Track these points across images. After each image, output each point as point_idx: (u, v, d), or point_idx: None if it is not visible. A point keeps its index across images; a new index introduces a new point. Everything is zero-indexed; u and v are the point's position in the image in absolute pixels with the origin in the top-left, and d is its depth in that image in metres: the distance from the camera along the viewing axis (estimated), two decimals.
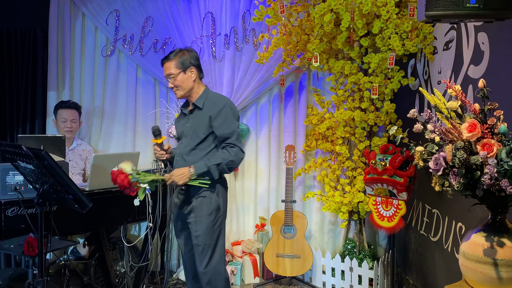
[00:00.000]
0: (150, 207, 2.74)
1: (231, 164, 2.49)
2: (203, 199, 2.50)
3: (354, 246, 3.55)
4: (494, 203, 1.60)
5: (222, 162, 2.46)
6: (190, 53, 2.59)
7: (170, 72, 2.55)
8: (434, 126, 1.65)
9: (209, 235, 2.50)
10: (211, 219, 2.50)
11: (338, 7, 2.98)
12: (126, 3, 3.89)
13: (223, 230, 2.59)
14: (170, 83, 2.58)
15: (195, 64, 2.59)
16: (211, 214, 2.50)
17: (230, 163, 2.48)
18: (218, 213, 2.53)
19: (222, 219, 2.57)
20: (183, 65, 2.55)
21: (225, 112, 2.51)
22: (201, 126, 2.53)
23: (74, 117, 3.58)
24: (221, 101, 2.55)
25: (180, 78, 2.55)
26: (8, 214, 2.41)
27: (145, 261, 3.14)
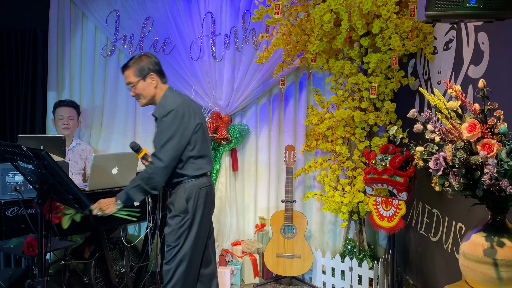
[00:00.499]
0: (150, 207, 2.75)
1: (151, 182, 2.34)
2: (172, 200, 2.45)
3: (354, 246, 3.55)
4: (494, 203, 1.60)
5: (140, 183, 2.34)
6: (148, 59, 2.47)
7: (129, 80, 2.45)
8: (434, 126, 1.65)
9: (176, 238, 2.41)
10: (177, 221, 2.41)
11: (338, 7, 2.98)
12: (126, 3, 3.89)
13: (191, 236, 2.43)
14: (131, 91, 2.48)
15: (155, 69, 2.46)
16: (177, 216, 2.41)
17: (147, 181, 2.33)
18: (185, 215, 2.41)
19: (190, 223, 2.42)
20: (141, 73, 2.43)
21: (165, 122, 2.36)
22: None
23: (71, 114, 3.58)
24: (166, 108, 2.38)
25: (140, 86, 2.44)
26: (8, 214, 2.41)
27: (145, 261, 3.14)
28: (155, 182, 2.35)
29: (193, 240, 2.44)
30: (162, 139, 2.35)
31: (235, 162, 3.95)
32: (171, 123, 2.35)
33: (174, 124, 2.36)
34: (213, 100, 3.85)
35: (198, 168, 2.46)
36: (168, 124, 2.35)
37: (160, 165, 2.33)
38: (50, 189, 2.08)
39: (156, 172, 2.34)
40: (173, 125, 2.36)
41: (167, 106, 2.39)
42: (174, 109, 2.36)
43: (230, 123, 3.87)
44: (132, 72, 2.44)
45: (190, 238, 2.43)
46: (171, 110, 2.36)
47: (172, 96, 2.47)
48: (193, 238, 2.44)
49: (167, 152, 2.34)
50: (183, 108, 2.41)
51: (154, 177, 2.34)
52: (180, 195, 2.41)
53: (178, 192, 2.43)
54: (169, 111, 2.36)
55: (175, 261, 2.41)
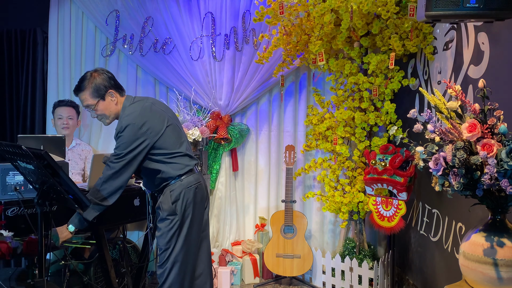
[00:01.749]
0: (150, 207, 2.74)
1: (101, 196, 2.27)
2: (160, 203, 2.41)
3: (354, 246, 3.55)
4: (494, 203, 1.60)
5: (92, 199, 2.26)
6: (102, 76, 2.35)
7: (87, 103, 2.34)
8: (434, 126, 1.65)
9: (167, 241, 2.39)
10: (166, 223, 2.38)
11: (339, 5, 2.98)
12: (126, 3, 3.89)
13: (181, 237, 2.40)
14: (92, 113, 2.38)
15: (111, 85, 2.36)
16: (166, 219, 2.38)
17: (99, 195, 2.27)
18: (174, 217, 2.38)
19: (179, 224, 2.39)
20: (98, 93, 2.32)
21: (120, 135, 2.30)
22: None
23: (70, 114, 3.58)
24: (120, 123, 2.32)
25: (101, 107, 2.35)
26: (8, 214, 2.40)
27: (145, 261, 3.13)
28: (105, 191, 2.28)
29: (184, 241, 2.41)
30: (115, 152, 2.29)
31: (235, 162, 3.95)
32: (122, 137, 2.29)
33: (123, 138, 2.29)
34: (213, 100, 3.85)
35: (180, 168, 2.40)
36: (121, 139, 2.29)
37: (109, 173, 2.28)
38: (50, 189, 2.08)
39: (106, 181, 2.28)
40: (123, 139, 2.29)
41: (122, 122, 2.31)
42: (130, 124, 2.29)
43: (230, 123, 3.87)
44: (88, 94, 2.32)
45: (180, 240, 2.40)
46: (127, 125, 2.28)
47: (130, 109, 2.37)
48: (184, 239, 2.40)
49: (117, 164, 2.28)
50: (140, 118, 2.32)
51: (103, 188, 2.28)
52: (167, 198, 2.37)
53: (165, 195, 2.39)
54: (124, 126, 2.28)
55: (168, 264, 2.39)
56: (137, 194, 2.93)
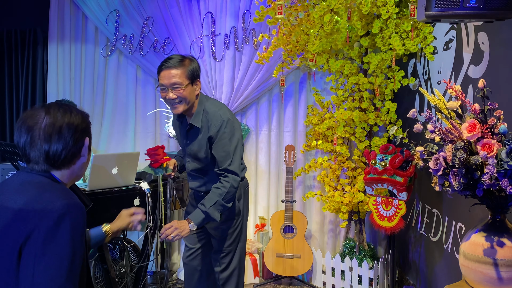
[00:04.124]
0: (150, 207, 2.74)
1: (228, 196, 2.26)
2: None
3: (354, 246, 3.55)
4: (494, 203, 1.60)
5: (219, 200, 2.23)
6: (196, 62, 2.30)
7: (175, 81, 2.18)
8: (434, 126, 1.65)
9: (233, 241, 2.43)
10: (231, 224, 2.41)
11: (339, 6, 2.98)
12: (126, 3, 3.89)
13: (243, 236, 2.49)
14: (171, 93, 2.20)
15: (199, 76, 2.32)
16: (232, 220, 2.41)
17: (227, 196, 2.25)
18: (238, 217, 2.42)
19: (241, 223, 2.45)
20: (192, 76, 2.23)
21: (222, 132, 2.27)
22: (201, 148, 2.33)
23: None
24: (219, 120, 2.28)
25: (188, 90, 2.22)
26: None
27: (145, 261, 3.14)
28: (232, 194, 2.28)
29: (244, 241, 2.49)
30: (226, 149, 2.27)
31: None
32: (231, 132, 2.28)
33: (233, 132, 2.29)
34: None
35: (243, 168, 2.46)
36: (226, 135, 2.27)
37: (235, 173, 2.28)
38: None
39: (233, 184, 2.27)
40: (234, 134, 2.29)
41: (218, 117, 2.28)
42: (230, 119, 2.29)
43: None
44: (183, 73, 2.19)
45: (242, 240, 2.46)
46: (228, 120, 2.28)
47: (213, 104, 2.36)
48: (244, 239, 2.49)
49: (236, 162, 2.30)
50: (233, 116, 2.36)
51: (231, 190, 2.26)
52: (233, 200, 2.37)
53: None
54: (226, 120, 2.27)
55: (233, 264, 2.43)
56: (137, 194, 2.93)
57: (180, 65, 2.20)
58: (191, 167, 2.43)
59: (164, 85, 2.20)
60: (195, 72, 2.25)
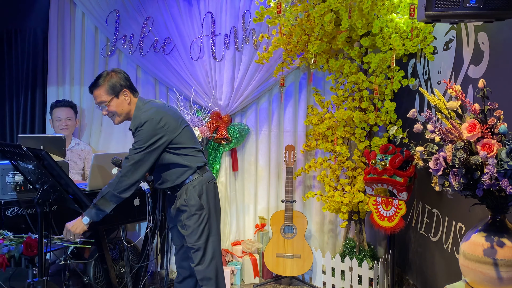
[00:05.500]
0: (150, 207, 2.74)
1: (120, 186, 2.30)
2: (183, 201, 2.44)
3: (354, 246, 3.55)
4: (494, 203, 1.60)
5: (109, 191, 2.29)
6: (118, 75, 2.44)
7: (101, 99, 2.39)
8: (434, 126, 1.65)
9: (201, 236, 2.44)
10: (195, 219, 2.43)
11: (338, 6, 2.98)
12: (126, 3, 3.89)
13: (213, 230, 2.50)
14: (103, 111, 2.42)
15: (126, 85, 2.44)
16: (196, 215, 2.43)
17: (118, 186, 2.30)
18: (202, 211, 2.44)
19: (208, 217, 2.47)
20: (113, 90, 2.39)
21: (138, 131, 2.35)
22: None
23: (68, 115, 3.58)
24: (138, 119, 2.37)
25: (114, 104, 2.40)
26: (8, 214, 2.40)
27: (145, 261, 3.13)
28: (125, 185, 2.31)
29: (215, 234, 2.51)
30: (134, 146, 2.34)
31: (235, 162, 3.95)
32: (141, 132, 2.33)
33: (148, 133, 2.33)
34: (213, 100, 3.85)
35: (199, 161, 2.48)
36: (141, 134, 2.32)
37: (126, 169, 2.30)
38: (50, 189, 2.08)
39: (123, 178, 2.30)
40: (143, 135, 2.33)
41: (138, 119, 2.37)
42: (148, 119, 2.34)
43: (230, 123, 3.87)
44: (103, 91, 2.38)
45: (212, 234, 2.48)
46: (146, 121, 2.33)
47: (146, 107, 2.44)
48: (215, 232, 2.50)
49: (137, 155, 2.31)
50: (157, 114, 2.38)
51: (121, 180, 2.30)
52: (192, 193, 2.43)
53: (188, 191, 2.44)
54: (143, 122, 2.33)
55: (207, 259, 2.45)
56: (137, 194, 2.92)
57: (98, 85, 2.40)
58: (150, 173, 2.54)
59: (97, 105, 2.45)
60: (116, 85, 2.40)
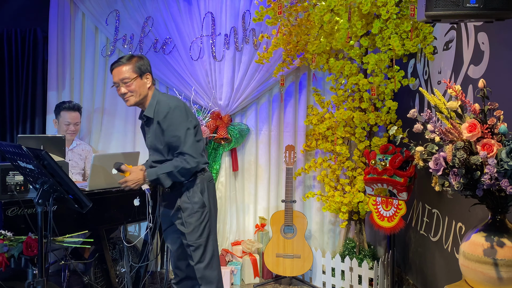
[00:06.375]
0: (150, 207, 2.74)
1: (183, 171, 2.40)
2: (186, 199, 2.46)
3: (354, 246, 3.55)
4: (494, 203, 1.60)
5: (173, 171, 2.37)
6: (145, 59, 2.51)
7: (124, 76, 2.42)
8: (434, 126, 1.65)
9: (201, 234, 2.46)
10: (197, 217, 2.46)
11: (339, 7, 2.98)
12: (126, 3, 3.89)
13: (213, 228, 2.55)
14: (122, 88, 2.43)
15: (149, 70, 2.51)
16: (198, 213, 2.46)
17: (182, 170, 2.39)
18: (204, 209, 2.48)
19: (209, 216, 2.51)
20: (140, 70, 2.44)
21: (170, 118, 2.40)
22: (157, 138, 2.45)
23: (77, 120, 3.58)
24: (166, 106, 2.41)
25: (136, 84, 2.43)
26: (8, 214, 2.40)
27: (145, 261, 3.14)
28: (188, 171, 2.41)
29: (214, 233, 2.54)
30: (177, 132, 2.38)
31: (235, 162, 3.95)
32: (180, 117, 2.40)
33: (183, 118, 2.40)
34: (213, 100, 3.85)
35: (204, 161, 2.52)
36: (175, 120, 2.39)
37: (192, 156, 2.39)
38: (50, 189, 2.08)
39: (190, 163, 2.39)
40: (184, 119, 2.40)
41: (166, 104, 2.42)
42: (178, 106, 2.42)
43: (230, 123, 3.87)
44: (130, 68, 2.43)
45: (212, 232, 2.53)
46: (175, 107, 2.40)
47: (166, 96, 2.52)
48: (214, 231, 2.54)
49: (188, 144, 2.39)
50: (182, 102, 2.49)
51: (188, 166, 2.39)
52: (195, 191, 2.46)
53: (190, 189, 2.47)
54: (173, 107, 2.40)
55: (207, 257, 2.48)
56: (137, 194, 2.93)
57: (128, 62, 2.44)
58: (152, 158, 2.54)
59: (115, 82, 2.46)
60: (143, 67, 2.46)
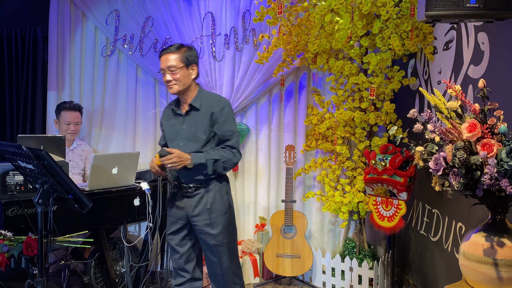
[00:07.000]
0: (150, 207, 2.75)
1: (228, 164, 2.47)
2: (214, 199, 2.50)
3: (354, 246, 3.55)
4: (494, 203, 1.60)
5: (220, 160, 2.43)
6: (194, 51, 2.54)
7: (171, 64, 2.45)
8: (434, 126, 1.65)
9: (229, 234, 2.54)
10: (226, 217, 2.53)
11: (339, 6, 2.98)
12: (126, 3, 3.89)
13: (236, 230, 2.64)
14: (168, 75, 2.47)
15: (196, 62, 2.54)
16: (226, 213, 2.53)
17: (228, 162, 2.46)
18: (230, 209, 2.57)
19: (233, 216, 2.61)
20: (187, 60, 2.48)
21: (227, 112, 2.49)
22: (201, 127, 2.47)
23: (78, 119, 3.58)
24: (222, 100, 2.53)
25: (181, 73, 2.47)
26: (8, 214, 2.40)
27: (145, 261, 3.14)
28: (231, 165, 2.49)
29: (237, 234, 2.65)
30: (232, 128, 2.51)
31: None
32: (231, 114, 2.53)
33: (233, 114, 2.56)
34: None
35: None
36: (231, 115, 2.52)
37: (239, 152, 2.51)
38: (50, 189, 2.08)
39: (237, 157, 2.49)
40: (232, 116, 2.54)
41: (218, 98, 2.55)
42: (228, 102, 2.55)
43: None
44: (178, 58, 2.47)
45: (235, 233, 2.62)
46: (228, 102, 2.54)
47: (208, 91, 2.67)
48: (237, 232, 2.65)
49: (238, 143, 2.53)
50: None
51: (234, 160, 2.48)
52: (223, 191, 2.54)
53: (220, 189, 2.53)
54: (227, 102, 2.53)
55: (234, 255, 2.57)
56: (137, 194, 2.93)
57: (177, 51, 2.48)
58: (187, 150, 2.48)
59: (162, 68, 2.50)
60: (191, 58, 2.50)
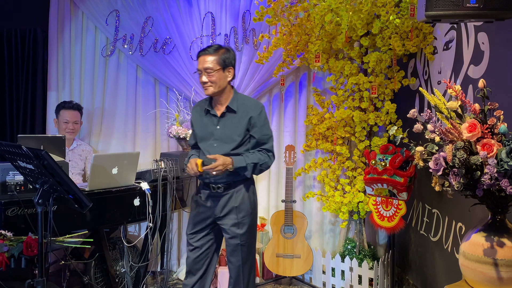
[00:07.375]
0: (150, 207, 2.74)
1: (264, 167, 2.50)
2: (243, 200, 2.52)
3: (354, 246, 3.55)
4: (494, 203, 1.60)
5: (258, 163, 2.46)
6: (231, 53, 2.52)
7: (208, 66, 2.43)
8: (434, 126, 1.65)
9: (252, 234, 2.57)
10: (252, 217, 2.56)
11: (339, 6, 2.98)
12: (126, 3, 3.89)
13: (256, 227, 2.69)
14: (204, 77, 2.45)
15: (233, 65, 2.52)
16: (252, 213, 2.55)
17: (264, 165, 2.49)
18: (255, 210, 2.60)
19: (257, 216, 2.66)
20: (224, 63, 2.45)
21: (264, 116, 2.52)
22: (237, 130, 2.47)
23: (76, 118, 3.58)
24: (258, 104, 2.54)
25: (218, 75, 2.45)
26: (8, 214, 2.40)
27: (145, 261, 3.14)
28: (266, 168, 2.53)
29: None
30: (269, 132, 2.55)
31: None
32: (267, 118, 2.56)
33: (267, 119, 2.58)
34: None
35: None
36: (267, 119, 2.56)
37: (272, 161, 2.55)
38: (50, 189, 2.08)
39: (272, 161, 2.54)
40: (268, 120, 2.58)
41: (255, 102, 2.56)
42: (263, 106, 2.56)
43: None
44: (216, 60, 2.44)
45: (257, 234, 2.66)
46: (263, 106, 2.55)
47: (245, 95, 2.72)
48: None
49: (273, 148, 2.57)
50: None
51: (269, 164, 2.53)
52: (251, 192, 2.57)
53: (249, 190, 2.55)
54: (262, 106, 2.54)
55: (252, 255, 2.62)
56: (137, 194, 2.93)
57: (214, 53, 2.45)
58: (220, 151, 2.47)
59: (199, 69, 2.48)
60: (228, 60, 2.48)
